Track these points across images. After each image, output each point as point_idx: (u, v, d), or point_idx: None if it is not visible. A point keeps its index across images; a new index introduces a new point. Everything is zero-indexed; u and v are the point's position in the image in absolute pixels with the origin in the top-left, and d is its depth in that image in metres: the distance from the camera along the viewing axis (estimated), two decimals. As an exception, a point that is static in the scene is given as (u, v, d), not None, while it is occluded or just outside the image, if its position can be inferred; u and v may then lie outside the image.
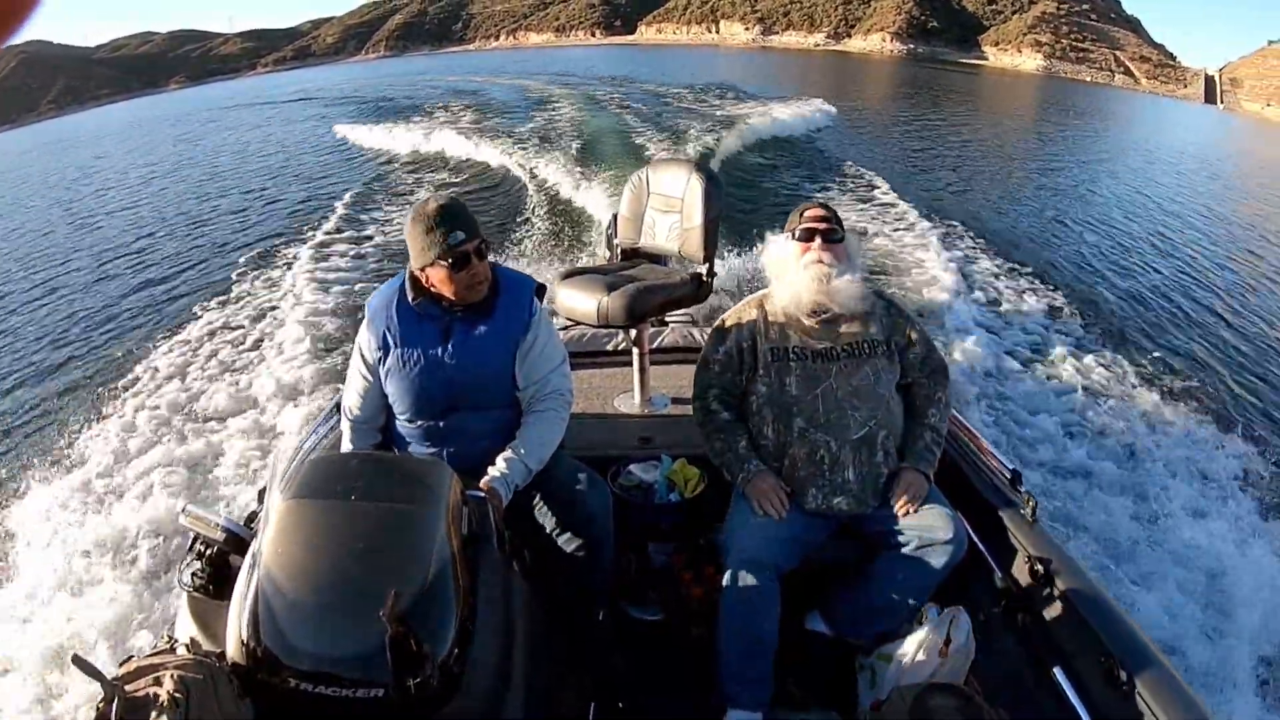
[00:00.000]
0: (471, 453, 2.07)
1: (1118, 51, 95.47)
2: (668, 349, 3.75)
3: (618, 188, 10.05)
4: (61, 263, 11.15)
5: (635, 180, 3.33)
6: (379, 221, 10.70)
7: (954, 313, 6.86)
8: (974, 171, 16.43)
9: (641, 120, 18.54)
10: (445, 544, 1.53)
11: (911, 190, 12.54)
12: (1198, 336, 7.55)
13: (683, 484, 2.64)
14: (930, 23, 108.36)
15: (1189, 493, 4.23)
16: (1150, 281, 9.36)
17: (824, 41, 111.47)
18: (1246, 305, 8.83)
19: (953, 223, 10.48)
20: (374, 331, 2.13)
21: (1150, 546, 3.78)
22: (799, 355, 2.21)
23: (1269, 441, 5.10)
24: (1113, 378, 5.95)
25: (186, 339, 7.05)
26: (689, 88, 27.57)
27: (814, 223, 2.27)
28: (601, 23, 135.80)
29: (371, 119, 22.75)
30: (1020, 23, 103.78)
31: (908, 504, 2.11)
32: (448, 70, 48.33)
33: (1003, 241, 10.01)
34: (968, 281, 7.92)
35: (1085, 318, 7.34)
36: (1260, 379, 6.54)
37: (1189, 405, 5.56)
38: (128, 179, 18.97)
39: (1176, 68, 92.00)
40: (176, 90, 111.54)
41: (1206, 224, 13.34)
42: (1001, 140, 23.52)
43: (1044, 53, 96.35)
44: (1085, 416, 5.20)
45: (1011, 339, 6.60)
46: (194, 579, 1.85)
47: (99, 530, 4.07)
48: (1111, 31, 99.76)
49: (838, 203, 11.34)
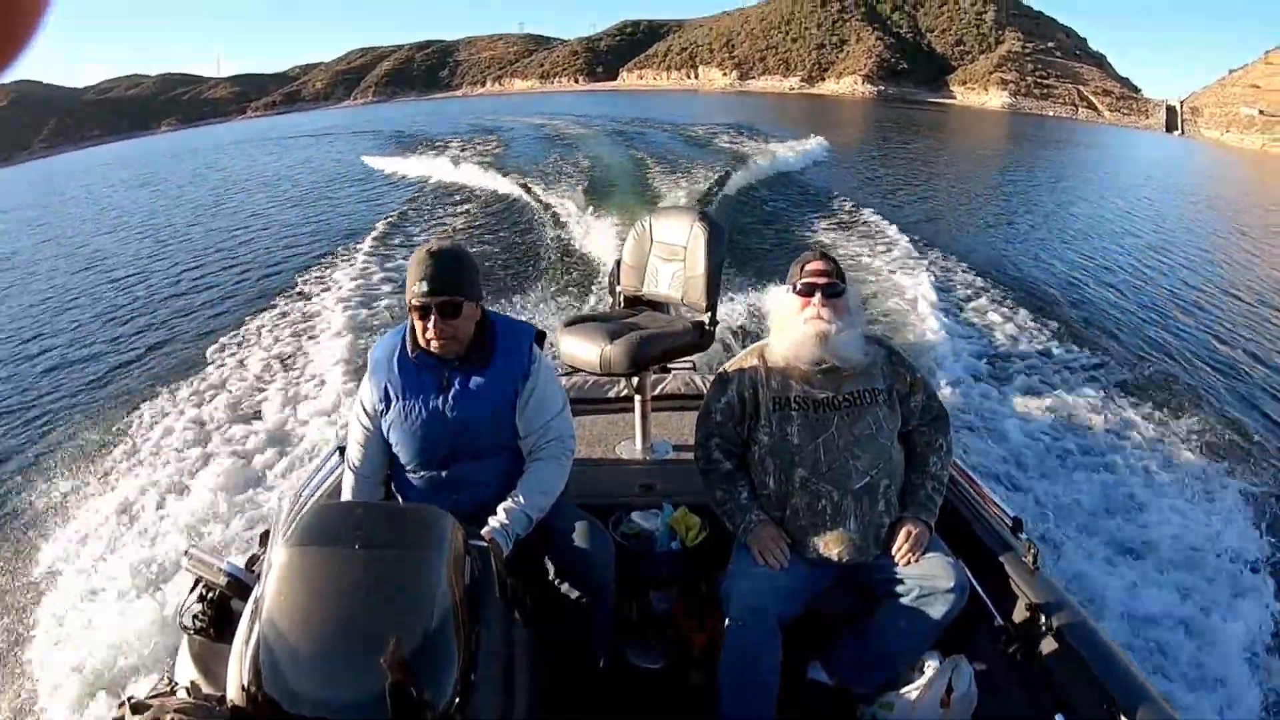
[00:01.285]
0: (475, 501, 2.06)
1: (1081, 86, 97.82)
2: (670, 396, 3.71)
3: (626, 225, 10.10)
4: (67, 298, 11.07)
5: (639, 228, 3.32)
6: (390, 272, 10.17)
7: (943, 348, 6.85)
8: (950, 199, 17.18)
9: (653, 158, 18.84)
10: (447, 593, 1.51)
11: (901, 218, 12.85)
12: (1188, 362, 7.56)
13: (684, 532, 2.62)
14: (900, 64, 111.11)
15: (1187, 532, 4.17)
16: (1129, 301, 9.54)
17: (798, 85, 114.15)
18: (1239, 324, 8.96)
19: (937, 250, 10.66)
20: (375, 383, 2.14)
21: (1148, 584, 3.72)
22: (800, 405, 2.19)
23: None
24: (1115, 412, 5.83)
25: (197, 377, 6.89)
26: (701, 126, 28.55)
27: (814, 277, 2.24)
28: (584, 70, 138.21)
29: (397, 152, 23.50)
30: (987, 62, 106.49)
31: (909, 553, 2.10)
32: (437, 114, 50.12)
33: (993, 270, 10.10)
34: (960, 316, 7.94)
35: (1076, 346, 7.32)
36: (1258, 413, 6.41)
37: (1189, 437, 5.48)
38: (147, 214, 19.12)
39: (1139, 100, 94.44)
40: (168, 132, 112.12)
41: (1161, 238, 14.08)
42: (975, 171, 24.84)
43: (1009, 90, 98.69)
44: (1084, 451, 5.14)
45: (1002, 368, 6.60)
46: (195, 621, 1.85)
47: (102, 570, 4.03)
48: (1075, 68, 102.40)
49: (834, 236, 11.60)
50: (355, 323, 7.69)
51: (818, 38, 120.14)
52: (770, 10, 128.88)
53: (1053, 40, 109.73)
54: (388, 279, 9.27)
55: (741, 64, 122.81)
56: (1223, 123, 75.13)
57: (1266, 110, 72.37)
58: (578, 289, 8.73)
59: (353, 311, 8.04)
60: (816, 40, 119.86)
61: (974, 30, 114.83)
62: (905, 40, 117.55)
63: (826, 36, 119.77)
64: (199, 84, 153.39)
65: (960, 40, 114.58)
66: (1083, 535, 4.11)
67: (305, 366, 6.78)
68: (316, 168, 25.19)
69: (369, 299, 8.56)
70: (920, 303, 8.00)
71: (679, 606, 2.57)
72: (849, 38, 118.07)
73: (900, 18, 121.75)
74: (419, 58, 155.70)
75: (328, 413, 5.73)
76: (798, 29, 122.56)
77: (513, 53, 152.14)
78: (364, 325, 7.60)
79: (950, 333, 7.24)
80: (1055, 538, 4.01)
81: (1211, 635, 3.42)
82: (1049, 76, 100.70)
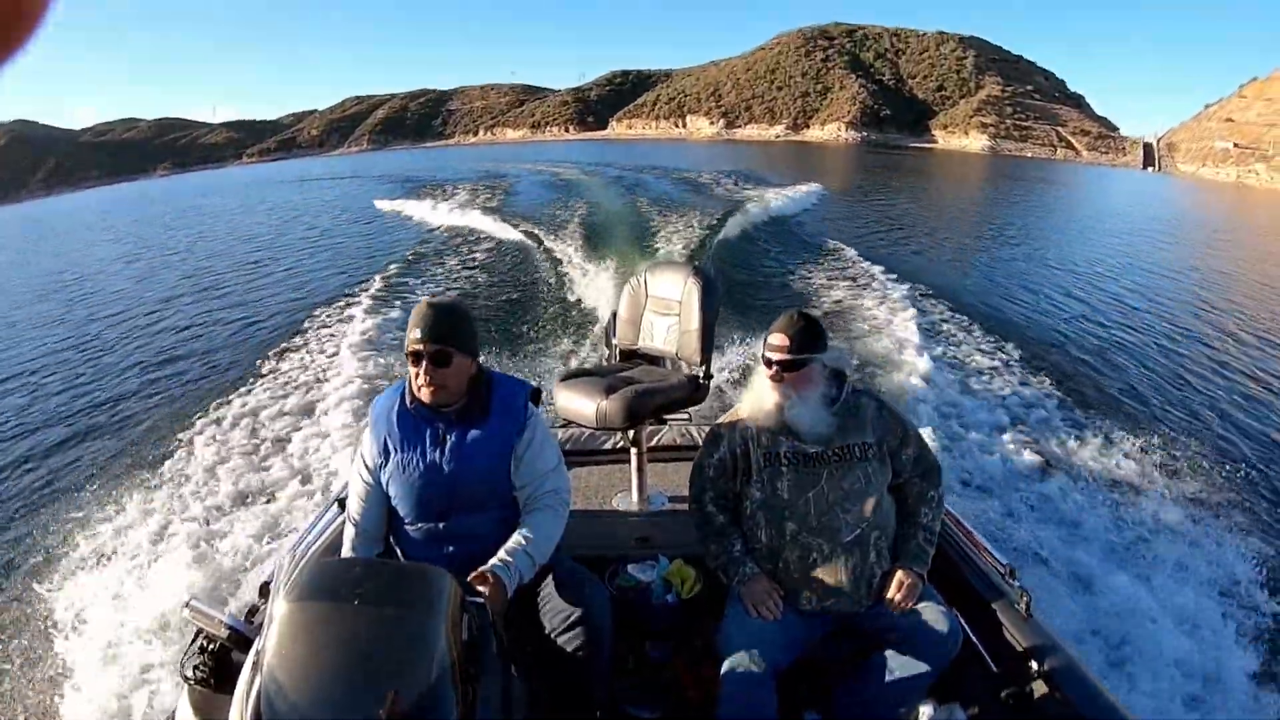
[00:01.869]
0: (472, 553, 2.08)
1: (1059, 128, 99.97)
2: (666, 447, 3.72)
3: (623, 271, 10.71)
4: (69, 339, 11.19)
5: (634, 283, 3.38)
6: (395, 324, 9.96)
7: (932, 393, 6.83)
8: (935, 240, 17.88)
9: (650, 204, 19.43)
10: (445, 651, 1.54)
11: (888, 259, 13.31)
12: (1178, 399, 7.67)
13: (680, 584, 2.66)
14: (883, 111, 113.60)
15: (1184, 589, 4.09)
16: (1108, 338, 9.73)
17: (784, 133, 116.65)
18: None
19: (925, 289, 10.84)
20: (375, 437, 2.19)
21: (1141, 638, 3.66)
22: (790, 460, 2.24)
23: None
24: (1101, 456, 5.78)
25: (205, 420, 6.80)
26: (698, 172, 30.21)
27: (773, 351, 2.27)
28: (575, 119, 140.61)
29: (406, 194, 24.91)
30: (967, 107, 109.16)
31: (902, 602, 2.13)
32: (439, 160, 52.92)
33: (982, 310, 10.31)
34: (949, 359, 7.96)
35: (1055, 384, 7.36)
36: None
37: (1181, 481, 5.45)
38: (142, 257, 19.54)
39: (1116, 138, 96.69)
40: (164, 176, 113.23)
41: (1141, 277, 14.47)
42: (958, 214, 25.94)
43: (989, 133, 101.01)
44: (1081, 494, 5.08)
45: (994, 412, 6.58)
46: (196, 671, 1.89)
47: (105, 619, 3.99)
48: (1054, 109, 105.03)
49: (824, 279, 11.77)
50: (359, 372, 7.60)
51: (802, 86, 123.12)
52: (756, 60, 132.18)
53: (1031, 83, 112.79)
54: (391, 329, 9.14)
55: (728, 113, 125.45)
56: (1198, 157, 76.49)
57: (1241, 143, 73.45)
58: (575, 338, 8.74)
59: (360, 361, 7.95)
60: (801, 89, 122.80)
61: (954, 76, 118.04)
62: (887, 87, 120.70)
63: (811, 85, 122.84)
64: (195, 129, 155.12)
65: (941, 86, 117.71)
66: (1076, 582, 4.07)
67: (308, 417, 6.69)
68: (320, 211, 26.18)
69: (375, 348, 8.46)
70: (907, 347, 8.06)
71: (675, 657, 2.58)
72: (833, 86, 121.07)
73: (882, 65, 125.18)
74: (413, 107, 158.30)
75: (328, 461, 5.69)
76: (783, 78, 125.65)
77: (504, 102, 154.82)
78: (367, 375, 7.52)
79: (939, 377, 7.26)
80: (1049, 583, 3.95)
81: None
82: (1027, 119, 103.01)
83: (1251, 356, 9.18)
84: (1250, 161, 71.85)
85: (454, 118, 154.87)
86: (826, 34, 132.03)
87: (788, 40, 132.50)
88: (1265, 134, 73.09)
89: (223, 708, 1.62)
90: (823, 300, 10.45)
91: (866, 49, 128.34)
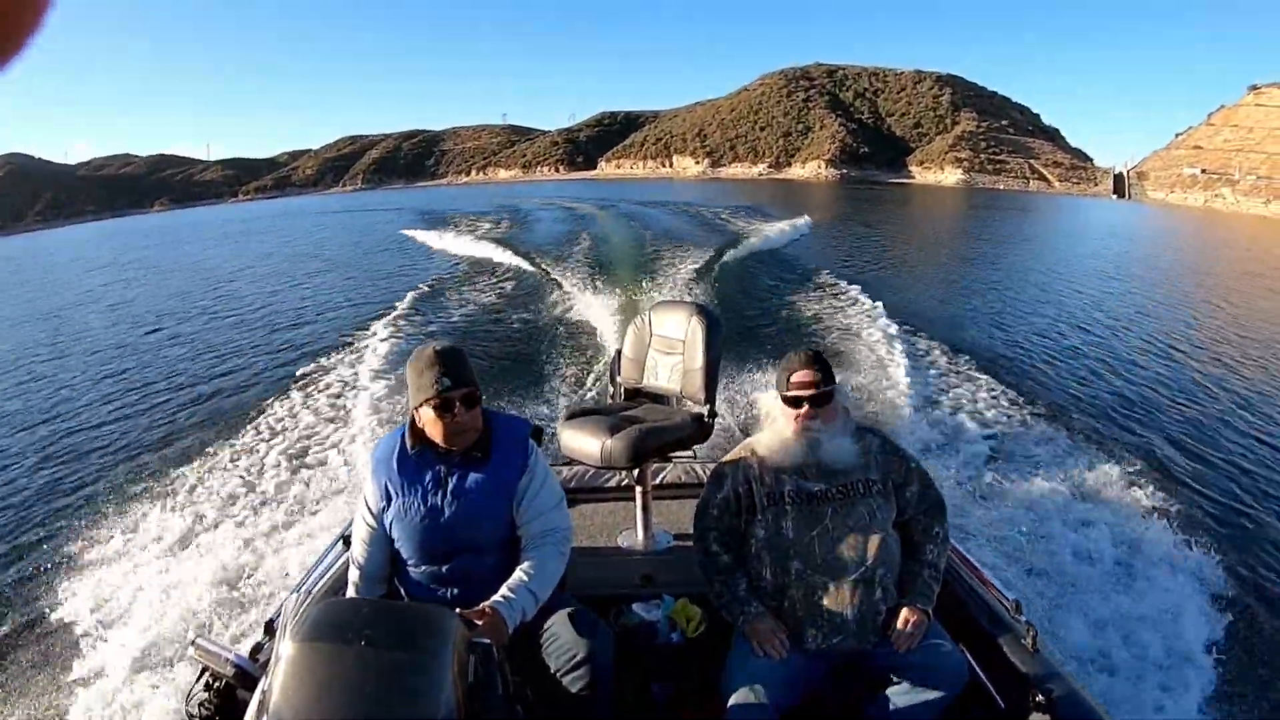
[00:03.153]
0: (476, 595, 2.07)
1: (1032, 160, 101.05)
2: (671, 485, 3.69)
3: (626, 301, 11.13)
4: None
5: (638, 322, 3.38)
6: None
7: (929, 429, 6.80)
8: (914, 270, 18.85)
9: (655, 237, 20.23)
10: (451, 692, 1.54)
11: (870, 285, 13.62)
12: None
13: (684, 623, 2.64)
14: (861, 149, 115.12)
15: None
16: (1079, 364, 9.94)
17: (766, 171, 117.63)
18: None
19: (914, 324, 10.91)
20: (377, 482, 2.19)
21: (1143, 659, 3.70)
22: (794, 499, 2.23)
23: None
24: (1094, 476, 5.78)
25: (210, 457, 6.72)
26: (700, 207, 32.08)
27: (801, 389, 2.26)
28: (565, 159, 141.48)
29: (426, 227, 26.51)
30: (942, 143, 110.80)
31: (907, 640, 2.11)
32: (443, 198, 55.57)
33: (966, 344, 10.34)
34: (937, 390, 8.00)
35: (1057, 420, 7.30)
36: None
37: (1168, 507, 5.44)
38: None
39: (1088, 168, 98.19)
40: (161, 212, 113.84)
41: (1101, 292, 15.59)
42: (932, 245, 27.32)
43: (964, 167, 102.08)
44: (1086, 524, 5.01)
45: (991, 445, 6.52)
46: (201, 709, 1.90)
47: (107, 653, 3.98)
48: (1028, 143, 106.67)
49: (817, 308, 12.01)
50: (368, 406, 7.51)
51: (784, 125, 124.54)
52: (739, 101, 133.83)
53: (1006, 118, 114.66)
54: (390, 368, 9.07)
55: (713, 152, 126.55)
56: (1167, 184, 77.41)
57: (1209, 170, 74.03)
58: (579, 375, 8.70)
59: (367, 392, 7.94)
60: (783, 128, 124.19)
61: (931, 113, 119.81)
62: (866, 125, 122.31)
63: (792, 124, 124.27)
64: (190, 166, 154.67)
65: (918, 123, 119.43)
66: (1082, 615, 3.99)
67: (312, 456, 6.59)
68: (320, 245, 27.89)
69: (377, 386, 8.28)
70: (896, 379, 8.05)
71: (680, 697, 2.55)
72: (813, 125, 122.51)
73: (861, 104, 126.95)
74: (406, 147, 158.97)
75: (332, 497, 5.61)
76: (765, 118, 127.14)
77: (496, 143, 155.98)
78: (378, 409, 7.40)
79: (930, 410, 7.26)
80: (1056, 617, 3.92)
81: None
82: (1001, 152, 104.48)
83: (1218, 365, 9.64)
84: (1217, 186, 72.33)
85: (446, 158, 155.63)
86: (808, 75, 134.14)
87: (770, 81, 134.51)
88: (1231, 159, 73.89)
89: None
90: (807, 333, 10.61)
91: (846, 89, 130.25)
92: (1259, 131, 75.14)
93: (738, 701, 2.04)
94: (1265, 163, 70.74)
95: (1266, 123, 75.22)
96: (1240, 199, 69.03)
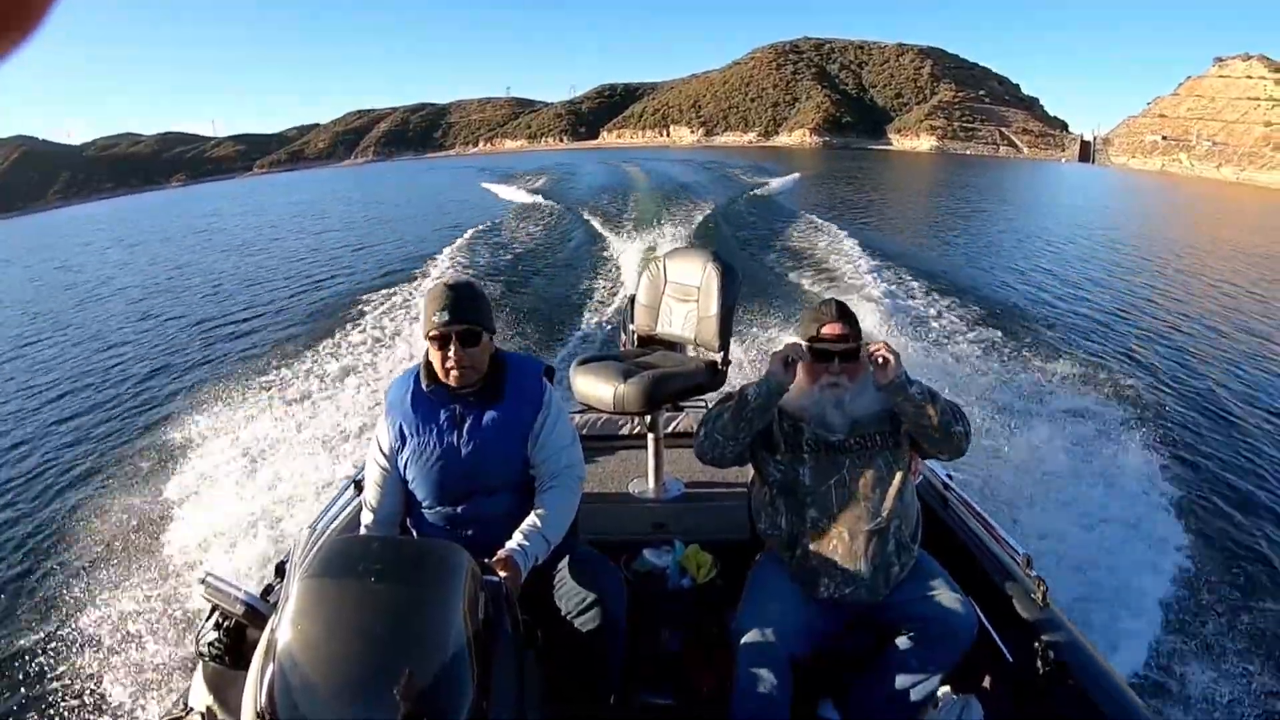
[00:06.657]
0: (490, 537, 1.96)
1: (1003, 128, 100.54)
2: (683, 434, 3.56)
3: (649, 254, 10.89)
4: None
5: (653, 269, 3.21)
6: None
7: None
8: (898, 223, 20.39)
9: (676, 188, 22.10)
10: (461, 628, 1.45)
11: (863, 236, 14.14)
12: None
13: (695, 570, 2.56)
14: (845, 118, 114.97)
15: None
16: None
17: (756, 139, 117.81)
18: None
19: (896, 265, 11.29)
20: (391, 422, 2.07)
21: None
22: (812, 447, 2.10)
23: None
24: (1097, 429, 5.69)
25: (239, 396, 6.86)
26: (708, 166, 35.65)
27: (831, 343, 2.09)
28: (568, 130, 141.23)
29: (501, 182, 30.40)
30: (920, 111, 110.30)
31: (877, 353, 2.02)
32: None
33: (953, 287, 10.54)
34: (941, 336, 7.91)
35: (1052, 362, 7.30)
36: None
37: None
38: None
39: (1057, 135, 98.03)
40: (179, 188, 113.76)
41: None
42: (910, 203, 28.98)
43: (937, 135, 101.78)
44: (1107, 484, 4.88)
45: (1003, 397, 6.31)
46: (211, 648, 1.81)
47: (121, 594, 4.00)
48: (1002, 112, 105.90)
49: (820, 256, 12.05)
50: (385, 357, 7.53)
51: (773, 96, 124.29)
52: (732, 73, 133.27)
53: (984, 89, 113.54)
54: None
55: (707, 122, 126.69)
56: (1130, 150, 77.26)
57: (1170, 136, 74.23)
58: (592, 322, 8.69)
59: (385, 349, 7.91)
60: (772, 99, 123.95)
61: (912, 84, 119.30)
62: (850, 96, 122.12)
63: (781, 95, 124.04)
64: (199, 143, 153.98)
65: (899, 94, 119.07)
66: (1089, 569, 3.91)
67: (327, 399, 6.58)
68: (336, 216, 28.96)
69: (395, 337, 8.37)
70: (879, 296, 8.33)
71: (690, 644, 2.47)
72: (800, 96, 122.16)
73: (846, 76, 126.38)
74: (414, 119, 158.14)
75: (348, 441, 5.57)
76: (756, 89, 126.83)
77: (500, 115, 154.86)
78: (398, 359, 7.40)
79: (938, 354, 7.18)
80: (1067, 571, 3.78)
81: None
82: (974, 121, 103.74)
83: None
84: (1175, 152, 72.67)
85: (454, 130, 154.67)
86: (797, 48, 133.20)
87: (762, 55, 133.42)
88: (1192, 127, 73.99)
89: (238, 684, 1.55)
90: (803, 268, 11.01)
91: (833, 61, 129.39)
92: (1220, 100, 75.34)
93: (748, 650, 1.95)
94: (1222, 130, 71.30)
95: (1226, 93, 75.53)
96: (1195, 164, 69.66)
